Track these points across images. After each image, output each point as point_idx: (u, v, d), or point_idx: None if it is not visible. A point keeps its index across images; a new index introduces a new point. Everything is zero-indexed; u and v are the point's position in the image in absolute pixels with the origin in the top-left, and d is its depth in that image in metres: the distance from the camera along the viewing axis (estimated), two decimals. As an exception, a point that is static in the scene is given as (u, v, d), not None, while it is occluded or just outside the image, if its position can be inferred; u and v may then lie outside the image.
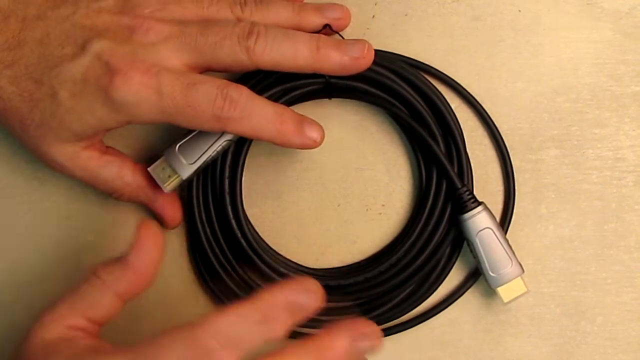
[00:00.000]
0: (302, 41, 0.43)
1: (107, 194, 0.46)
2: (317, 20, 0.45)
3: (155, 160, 0.45)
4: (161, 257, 0.40)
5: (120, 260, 0.40)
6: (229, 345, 0.35)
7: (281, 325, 0.36)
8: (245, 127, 0.42)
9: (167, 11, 0.43)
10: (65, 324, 0.39)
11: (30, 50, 0.41)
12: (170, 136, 0.48)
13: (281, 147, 0.43)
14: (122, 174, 0.45)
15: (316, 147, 0.43)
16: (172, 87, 0.40)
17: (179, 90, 0.41)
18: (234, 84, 0.42)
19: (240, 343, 0.35)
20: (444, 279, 0.47)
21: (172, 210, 0.47)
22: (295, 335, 0.46)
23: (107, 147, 0.46)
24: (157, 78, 0.40)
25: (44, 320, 0.39)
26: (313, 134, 0.43)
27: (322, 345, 0.36)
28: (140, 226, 0.40)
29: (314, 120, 0.44)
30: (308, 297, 0.37)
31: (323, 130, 0.44)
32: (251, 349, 0.35)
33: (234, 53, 0.42)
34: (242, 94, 0.41)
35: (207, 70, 0.43)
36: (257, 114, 0.42)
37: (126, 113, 0.41)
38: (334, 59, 0.43)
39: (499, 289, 0.45)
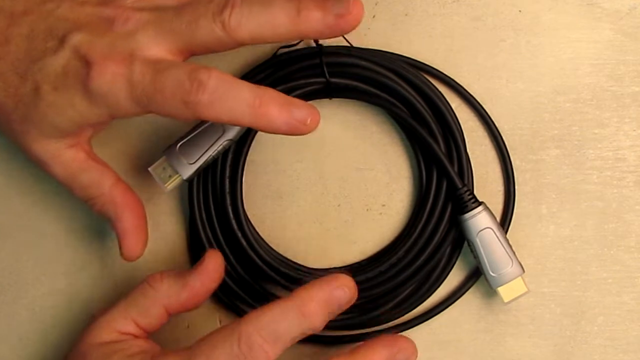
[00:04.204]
0: (279, 6, 0.39)
1: (81, 201, 0.44)
2: None
3: (156, 160, 0.45)
4: (218, 286, 0.43)
5: (179, 278, 0.43)
6: (272, 340, 0.38)
7: (319, 319, 0.39)
8: (217, 112, 0.39)
9: (148, 0, 0.42)
10: (118, 328, 0.42)
11: (16, 46, 0.41)
12: (171, 136, 0.48)
13: (268, 133, 0.40)
14: (101, 183, 0.44)
15: (309, 131, 0.40)
16: (142, 75, 0.39)
17: (149, 78, 0.39)
18: (206, 67, 0.39)
19: (282, 337, 0.38)
20: (445, 279, 0.47)
21: (134, 242, 0.44)
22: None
23: (94, 154, 0.45)
24: (131, 67, 0.39)
25: (99, 323, 0.42)
26: (301, 116, 0.39)
27: (364, 358, 0.40)
28: (209, 252, 0.43)
29: (305, 102, 0.40)
30: (344, 292, 0.40)
31: (317, 112, 0.40)
32: (291, 342, 0.39)
33: (210, 31, 0.40)
34: (212, 76, 0.38)
35: (192, 54, 0.41)
36: (230, 96, 0.39)
37: (104, 104, 0.40)
38: (317, 20, 0.39)
39: (500, 289, 0.45)
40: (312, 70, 0.45)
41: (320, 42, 0.46)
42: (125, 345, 0.41)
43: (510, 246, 0.46)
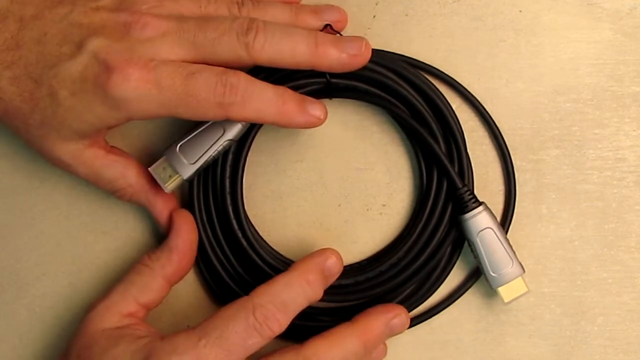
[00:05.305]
0: (300, 37, 0.42)
1: (109, 193, 0.46)
2: (314, 23, 0.45)
3: (156, 160, 0.45)
4: (197, 238, 0.46)
5: (163, 246, 0.45)
6: (283, 309, 0.40)
7: (319, 287, 0.42)
8: (247, 111, 0.41)
9: (164, 8, 0.43)
10: (120, 311, 0.43)
11: (28, 50, 0.41)
12: (171, 136, 0.48)
13: (285, 128, 0.43)
14: (126, 175, 0.45)
15: (320, 124, 0.43)
16: (171, 79, 0.40)
17: (179, 82, 0.40)
18: (232, 70, 0.41)
19: (291, 306, 0.41)
20: (445, 278, 0.47)
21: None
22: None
23: (112, 146, 0.46)
24: (155, 72, 0.40)
25: (100, 309, 0.43)
26: (316, 111, 0.43)
27: (363, 327, 0.43)
28: (174, 213, 0.45)
29: (314, 99, 0.43)
30: (335, 262, 0.43)
31: (325, 108, 0.43)
32: (298, 311, 0.41)
33: (233, 49, 0.41)
34: (241, 79, 0.41)
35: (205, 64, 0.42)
36: (258, 96, 0.41)
37: (127, 109, 0.41)
38: (332, 56, 0.43)
39: (500, 289, 0.45)
40: (312, 70, 0.45)
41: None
42: (131, 329, 0.42)
43: (510, 246, 0.46)
